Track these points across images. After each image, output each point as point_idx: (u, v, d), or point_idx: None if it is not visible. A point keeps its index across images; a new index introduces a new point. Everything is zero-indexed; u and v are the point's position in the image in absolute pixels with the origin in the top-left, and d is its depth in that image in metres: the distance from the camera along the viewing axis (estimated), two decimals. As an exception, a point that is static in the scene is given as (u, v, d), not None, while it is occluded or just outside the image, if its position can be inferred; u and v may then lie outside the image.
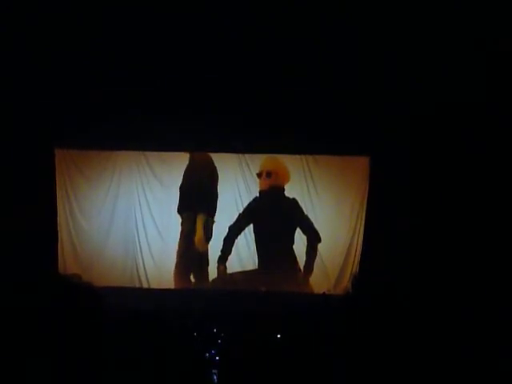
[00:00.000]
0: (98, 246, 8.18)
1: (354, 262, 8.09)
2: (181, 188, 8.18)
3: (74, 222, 8.19)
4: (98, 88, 7.38)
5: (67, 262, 8.06)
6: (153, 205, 8.23)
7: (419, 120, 7.35)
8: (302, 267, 8.11)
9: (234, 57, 7.21)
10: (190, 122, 7.69)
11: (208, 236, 8.13)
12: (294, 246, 8.15)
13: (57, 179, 8.05)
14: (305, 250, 8.13)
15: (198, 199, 8.17)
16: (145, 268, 8.15)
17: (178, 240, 8.17)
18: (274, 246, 8.18)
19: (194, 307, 7.04)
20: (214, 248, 8.15)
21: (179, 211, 8.17)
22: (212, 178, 8.20)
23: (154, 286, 8.12)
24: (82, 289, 1.87)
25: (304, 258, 8.12)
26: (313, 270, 8.12)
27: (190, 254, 8.15)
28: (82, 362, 1.72)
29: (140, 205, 8.22)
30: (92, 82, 7.34)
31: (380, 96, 7.40)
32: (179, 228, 8.18)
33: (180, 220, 8.19)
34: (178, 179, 8.20)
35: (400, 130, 7.46)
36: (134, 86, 7.39)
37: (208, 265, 8.15)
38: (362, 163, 8.13)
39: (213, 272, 8.16)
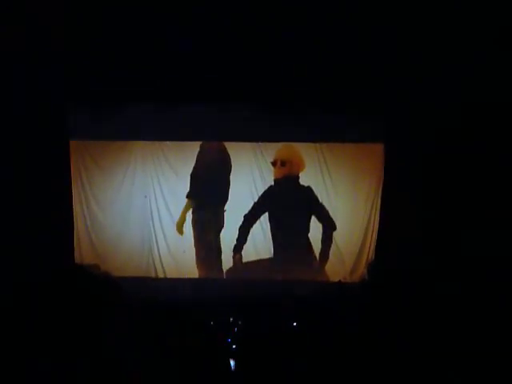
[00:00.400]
0: (113, 236, 8.20)
1: (369, 249, 8.07)
2: (191, 175, 8.18)
3: (89, 212, 8.21)
4: (111, 78, 7.38)
5: (83, 253, 8.09)
6: (168, 195, 8.22)
7: (433, 106, 7.29)
8: (317, 255, 8.11)
9: (246, 45, 7.18)
10: (204, 111, 7.69)
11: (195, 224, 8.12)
12: (309, 235, 8.16)
13: (72, 170, 8.05)
14: (320, 238, 8.13)
15: (207, 187, 8.18)
16: (160, 258, 8.16)
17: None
18: (289, 235, 8.18)
19: (210, 296, 7.07)
20: (229, 237, 8.16)
21: (189, 198, 8.19)
22: (223, 166, 8.17)
23: (170, 275, 8.14)
24: (100, 278, 1.88)
25: (319, 246, 8.12)
26: (328, 257, 8.11)
27: (204, 243, 8.17)
28: (98, 351, 1.74)
29: (155, 195, 8.22)
30: (105, 72, 7.34)
31: (393, 82, 7.35)
32: (193, 217, 8.22)
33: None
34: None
35: (413, 116, 7.41)
36: (148, 76, 7.39)
37: (221, 254, 8.17)
38: (376, 150, 8.09)
39: (228, 261, 8.18)
